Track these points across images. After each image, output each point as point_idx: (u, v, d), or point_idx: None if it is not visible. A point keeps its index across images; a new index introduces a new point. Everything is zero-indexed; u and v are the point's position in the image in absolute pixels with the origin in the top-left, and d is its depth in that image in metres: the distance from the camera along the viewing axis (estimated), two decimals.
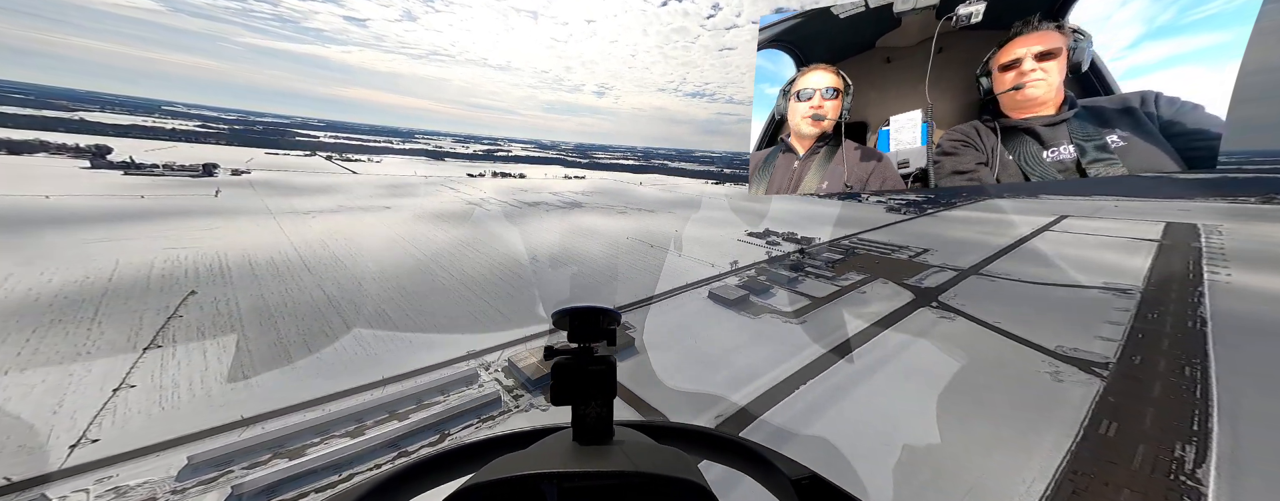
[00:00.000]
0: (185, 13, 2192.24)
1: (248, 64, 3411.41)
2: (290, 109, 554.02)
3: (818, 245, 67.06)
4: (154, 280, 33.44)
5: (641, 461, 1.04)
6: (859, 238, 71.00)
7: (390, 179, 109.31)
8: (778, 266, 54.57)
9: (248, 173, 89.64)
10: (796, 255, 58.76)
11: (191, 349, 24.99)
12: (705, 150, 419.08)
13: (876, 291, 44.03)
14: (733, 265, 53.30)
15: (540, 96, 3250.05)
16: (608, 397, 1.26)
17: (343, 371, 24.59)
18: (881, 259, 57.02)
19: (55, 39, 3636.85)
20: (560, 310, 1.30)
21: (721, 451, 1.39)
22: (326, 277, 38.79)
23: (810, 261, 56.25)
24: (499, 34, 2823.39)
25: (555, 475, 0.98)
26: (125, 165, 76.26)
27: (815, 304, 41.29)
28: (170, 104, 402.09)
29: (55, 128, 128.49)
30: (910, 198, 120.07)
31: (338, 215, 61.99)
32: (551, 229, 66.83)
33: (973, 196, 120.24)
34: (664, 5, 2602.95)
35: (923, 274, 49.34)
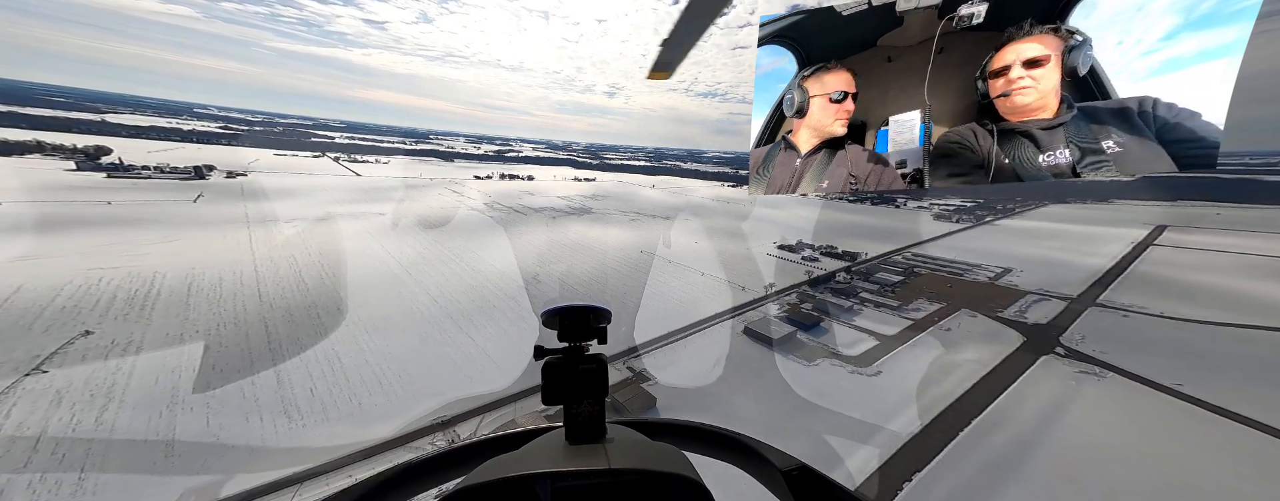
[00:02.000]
0: (220, 18, 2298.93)
1: (276, 68, 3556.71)
2: (316, 111, 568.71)
3: (866, 261, 57.25)
4: (50, 314, 26.77)
5: (634, 458, 1.05)
6: (913, 252, 60.84)
7: (394, 181, 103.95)
8: (823, 290, 45.24)
9: (245, 175, 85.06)
10: (845, 275, 49.23)
11: (21, 426, 17.60)
12: (715, 150, 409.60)
13: (965, 328, 34.38)
14: (768, 289, 44.27)
15: (552, 97, 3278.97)
16: (599, 396, 1.24)
17: (247, 461, 17.00)
18: (953, 281, 47.00)
19: (108, 47, 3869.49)
20: (550, 309, 1.26)
21: (712, 445, 1.40)
22: (278, 306, 31.68)
23: (863, 284, 46.70)
24: (512, 35, 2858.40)
25: (548, 475, 0.97)
26: (114, 167, 72.17)
27: (886, 345, 32.04)
28: (204, 106, 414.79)
29: (76, 129, 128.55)
30: (959, 203, 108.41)
31: (323, 224, 55.55)
32: (554, 240, 59.05)
33: (1030, 201, 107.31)
34: (675, 4, 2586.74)
35: (1019, 303, 39.24)
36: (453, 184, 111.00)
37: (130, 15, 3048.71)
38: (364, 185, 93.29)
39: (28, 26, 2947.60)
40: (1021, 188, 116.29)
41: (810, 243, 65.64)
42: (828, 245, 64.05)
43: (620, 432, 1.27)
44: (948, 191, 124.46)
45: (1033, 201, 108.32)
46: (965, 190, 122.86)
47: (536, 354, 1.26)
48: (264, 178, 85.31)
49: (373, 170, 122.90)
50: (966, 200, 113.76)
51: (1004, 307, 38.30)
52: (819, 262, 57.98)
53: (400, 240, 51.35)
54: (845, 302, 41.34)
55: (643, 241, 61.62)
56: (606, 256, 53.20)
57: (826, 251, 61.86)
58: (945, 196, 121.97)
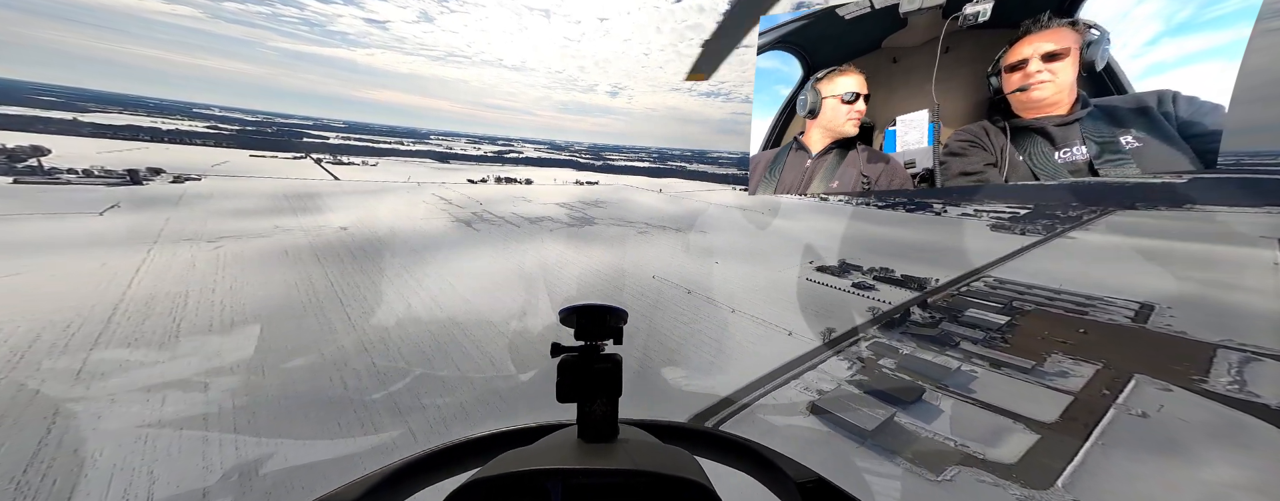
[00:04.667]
0: (224, 19, 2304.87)
1: (279, 68, 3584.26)
2: (319, 111, 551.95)
3: (940, 289, 45.17)
4: None
5: (645, 460, 1.04)
6: (994, 277, 48.66)
7: (375, 185, 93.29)
8: (901, 335, 33.21)
9: (197, 179, 74.37)
10: (922, 313, 37.12)
11: None
12: (718, 151, 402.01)
13: (1170, 411, 22.15)
14: (827, 336, 32.38)
15: (555, 97, 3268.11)
16: (613, 396, 1.24)
17: None
18: (1081, 323, 34.79)
19: (116, 47, 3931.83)
20: (568, 308, 1.27)
21: (725, 452, 1.38)
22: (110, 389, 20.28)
23: (954, 326, 34.62)
24: (513, 34, 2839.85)
25: (560, 471, 0.97)
26: (29, 170, 61.63)
27: (1052, 441, 20.05)
28: (206, 106, 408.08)
29: (36, 128, 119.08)
30: (1013, 210, 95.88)
31: (256, 242, 44.41)
32: (546, 261, 47.52)
33: (1086, 206, 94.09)
34: (678, 1, 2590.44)
35: (1215, 365, 26.85)
36: (442, 187, 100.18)
37: (137, 16, 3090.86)
38: (336, 189, 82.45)
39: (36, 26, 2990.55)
40: (1085, 189, 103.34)
41: (856, 263, 53.58)
42: (881, 266, 51.96)
43: (632, 433, 1.28)
44: (998, 196, 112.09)
45: (1090, 206, 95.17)
46: (1013, 195, 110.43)
47: (553, 351, 1.25)
48: (221, 182, 74.54)
49: (355, 173, 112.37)
50: (1018, 205, 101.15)
51: (1199, 372, 25.98)
52: (875, 291, 46.01)
53: (310, 269, 40.03)
54: (946, 358, 29.36)
55: (652, 262, 49.99)
56: (618, 283, 41.57)
57: (882, 276, 49.78)
58: (990, 201, 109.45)
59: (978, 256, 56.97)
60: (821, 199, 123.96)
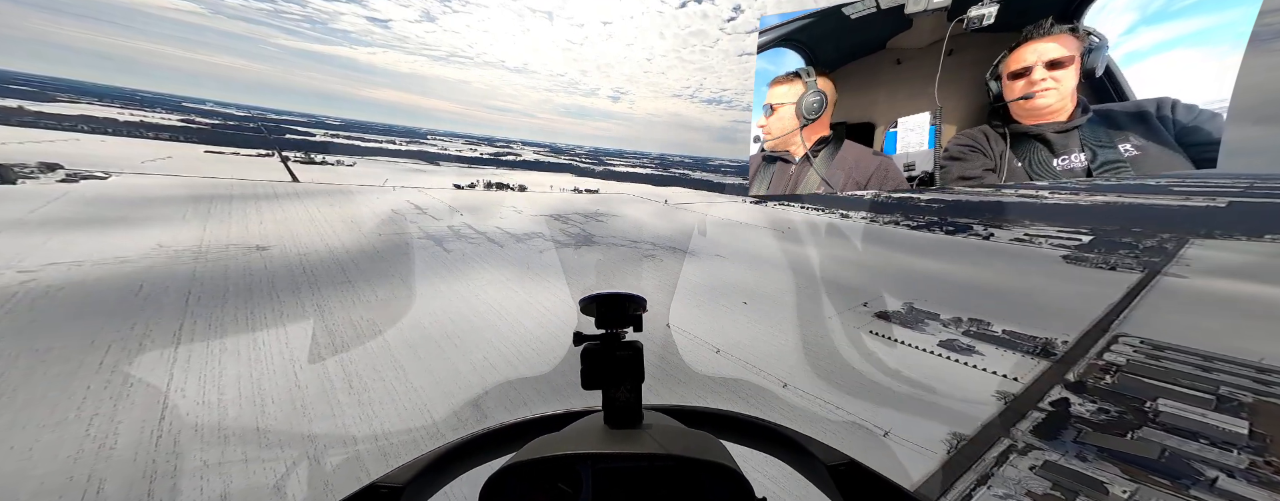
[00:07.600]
0: (225, 15, 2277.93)
1: (280, 65, 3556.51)
2: (319, 109, 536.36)
3: (1070, 355, 32.55)
4: None
5: (672, 444, 1.06)
6: (1149, 342, 36.19)
7: (334, 188, 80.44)
8: (1082, 446, 20.22)
9: (104, 177, 61.12)
10: (1100, 412, 24.21)
11: None
12: (720, 158, 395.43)
13: None
14: (954, 446, 19.49)
15: (556, 100, 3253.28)
16: (636, 382, 1.25)
17: None
18: None
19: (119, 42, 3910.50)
20: (588, 297, 1.28)
21: (753, 436, 1.38)
22: None
23: (1155, 429, 21.69)
24: (515, 35, 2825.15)
25: (589, 456, 1.00)
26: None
27: None
28: (200, 101, 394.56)
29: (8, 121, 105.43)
30: (1081, 238, 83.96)
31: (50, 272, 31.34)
32: (516, 312, 34.67)
33: (1153, 231, 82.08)
34: (682, 6, 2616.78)
35: None
36: (423, 192, 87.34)
37: (144, 11, 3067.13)
38: (284, 192, 69.37)
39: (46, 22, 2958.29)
40: (1144, 212, 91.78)
41: (927, 308, 40.78)
42: (970, 317, 39.25)
43: (657, 419, 1.29)
44: (1040, 217, 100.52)
45: (1158, 232, 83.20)
46: (1060, 216, 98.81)
47: (576, 340, 1.26)
48: (134, 180, 61.27)
49: (322, 175, 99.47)
50: (1074, 230, 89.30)
51: None
52: (978, 356, 33.31)
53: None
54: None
55: (664, 298, 37.15)
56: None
57: (978, 331, 37.03)
58: (1037, 222, 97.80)
59: (1083, 301, 44.39)
60: (843, 216, 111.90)
